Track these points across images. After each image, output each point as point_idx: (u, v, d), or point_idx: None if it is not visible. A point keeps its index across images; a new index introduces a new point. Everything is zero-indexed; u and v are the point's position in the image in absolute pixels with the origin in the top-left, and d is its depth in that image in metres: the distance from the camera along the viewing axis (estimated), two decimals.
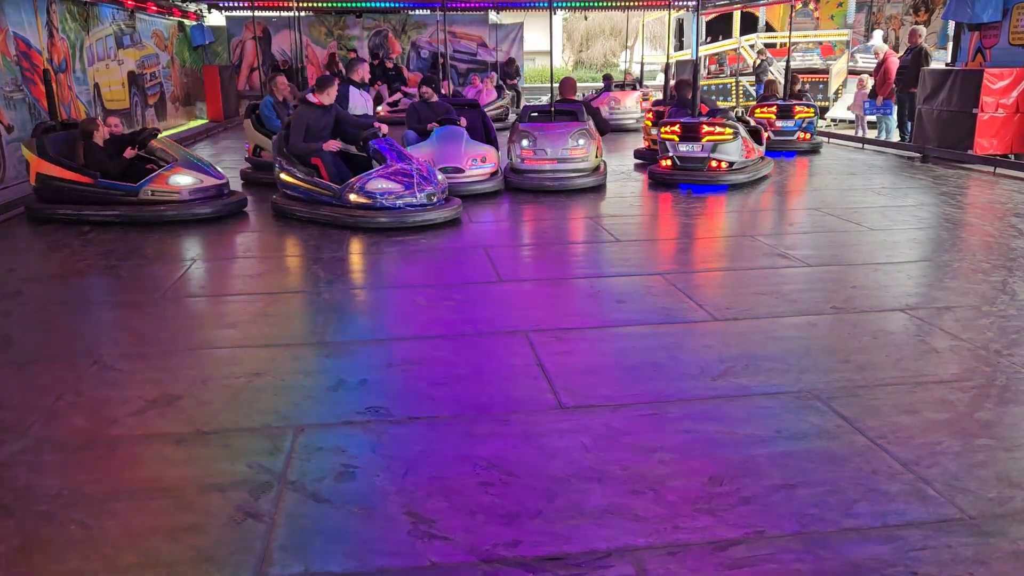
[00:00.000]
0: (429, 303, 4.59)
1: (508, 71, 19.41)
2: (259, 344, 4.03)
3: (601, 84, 16.50)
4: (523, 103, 19.33)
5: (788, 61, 11.77)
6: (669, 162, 8.36)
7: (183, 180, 7.07)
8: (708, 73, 17.97)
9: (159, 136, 7.67)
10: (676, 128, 8.25)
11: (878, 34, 14.59)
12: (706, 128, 8.11)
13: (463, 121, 8.35)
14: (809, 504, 2.42)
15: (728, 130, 8.12)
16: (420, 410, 3.14)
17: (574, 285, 5.01)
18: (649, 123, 10.34)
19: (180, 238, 6.50)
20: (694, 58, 19.75)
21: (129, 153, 7.17)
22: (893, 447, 2.76)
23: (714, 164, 8.13)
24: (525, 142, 8.20)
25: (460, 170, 7.74)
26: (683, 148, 8.23)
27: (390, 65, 18.29)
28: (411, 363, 3.67)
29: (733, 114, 8.90)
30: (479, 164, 7.94)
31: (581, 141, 8.14)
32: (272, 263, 5.78)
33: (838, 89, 15.47)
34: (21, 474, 2.70)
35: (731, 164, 8.16)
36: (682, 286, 4.75)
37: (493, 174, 8.08)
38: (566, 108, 8.69)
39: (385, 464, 2.71)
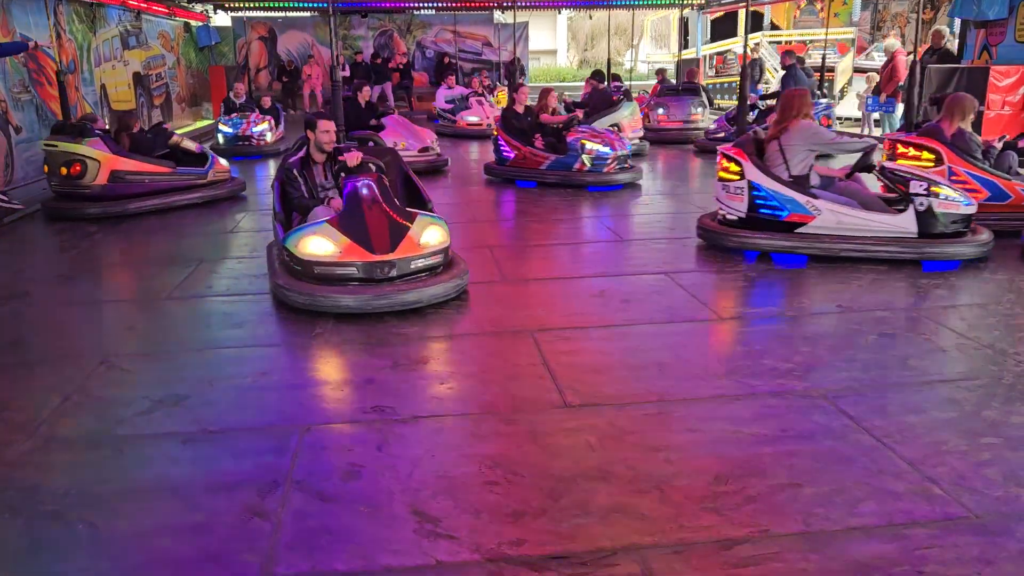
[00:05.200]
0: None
1: (513, 70, 19.41)
2: (265, 344, 4.05)
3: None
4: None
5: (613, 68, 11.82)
6: None
7: (225, 161, 8.21)
8: (716, 73, 17.91)
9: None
10: None
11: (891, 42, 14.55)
12: None
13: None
14: (815, 503, 2.42)
15: None
16: (425, 409, 3.16)
17: (579, 284, 5.01)
18: None
19: (186, 239, 6.53)
20: (698, 56, 19.81)
21: (176, 140, 7.92)
22: (899, 446, 2.76)
23: None
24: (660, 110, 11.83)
25: None
26: None
27: (403, 62, 18.29)
28: (416, 363, 3.68)
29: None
30: None
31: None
32: None
33: (844, 87, 15.42)
34: (29, 474, 2.71)
35: None
36: (687, 285, 4.74)
37: None
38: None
39: (391, 463, 2.72)
